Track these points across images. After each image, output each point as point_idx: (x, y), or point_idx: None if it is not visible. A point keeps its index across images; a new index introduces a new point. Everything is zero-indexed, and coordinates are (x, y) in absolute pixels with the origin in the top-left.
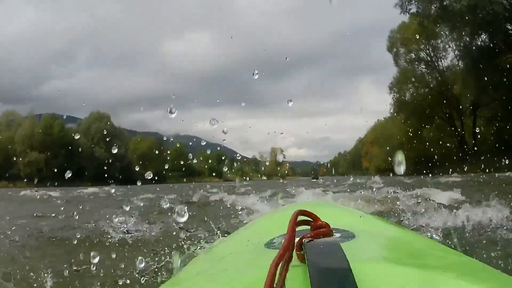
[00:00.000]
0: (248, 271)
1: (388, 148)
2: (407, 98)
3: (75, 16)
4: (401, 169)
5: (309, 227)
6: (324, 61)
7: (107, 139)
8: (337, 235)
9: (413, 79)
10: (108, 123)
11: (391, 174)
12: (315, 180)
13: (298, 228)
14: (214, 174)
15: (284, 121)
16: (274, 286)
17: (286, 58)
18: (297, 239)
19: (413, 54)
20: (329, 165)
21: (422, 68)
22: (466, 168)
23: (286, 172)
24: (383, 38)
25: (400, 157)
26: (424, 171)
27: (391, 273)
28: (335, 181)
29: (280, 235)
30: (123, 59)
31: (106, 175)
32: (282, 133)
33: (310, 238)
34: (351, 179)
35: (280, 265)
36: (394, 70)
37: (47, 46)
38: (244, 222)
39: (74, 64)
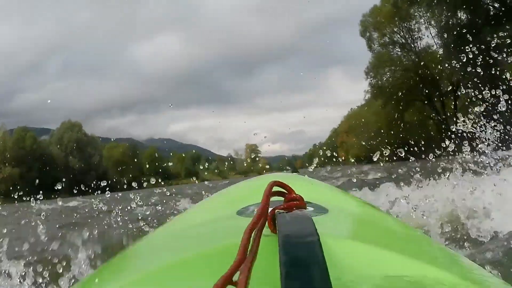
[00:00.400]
0: (221, 237)
1: (366, 136)
2: (384, 82)
3: (42, 27)
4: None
5: (282, 199)
6: (292, 55)
7: (80, 148)
8: (310, 208)
9: (389, 63)
10: (79, 132)
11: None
12: (295, 173)
13: (271, 199)
14: (192, 177)
15: (256, 118)
16: (248, 252)
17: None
18: (270, 210)
19: (387, 38)
20: (305, 157)
21: (397, 51)
22: (451, 150)
23: (262, 167)
24: (352, 28)
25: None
26: (407, 156)
27: (359, 250)
28: (314, 173)
29: (253, 204)
30: (94, 66)
31: (81, 185)
32: (255, 133)
33: (282, 210)
34: (328, 170)
35: (253, 232)
36: (367, 57)
37: (15, 59)
38: None
39: (44, 76)
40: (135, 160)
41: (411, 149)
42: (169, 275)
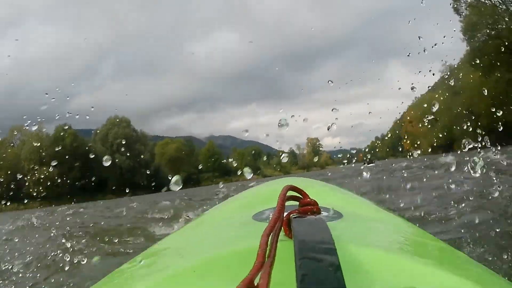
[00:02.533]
0: (237, 242)
1: (446, 120)
2: (484, 44)
3: (96, 30)
4: None
5: (297, 203)
6: (349, 47)
7: (128, 145)
8: (325, 213)
9: (491, 19)
10: (128, 128)
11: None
12: (371, 165)
13: (286, 204)
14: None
15: (314, 112)
16: (266, 256)
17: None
18: (285, 214)
19: None
20: (366, 150)
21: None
22: None
23: (324, 161)
24: (407, 18)
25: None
26: None
27: (374, 257)
28: (393, 165)
29: (268, 208)
30: (151, 67)
31: (130, 184)
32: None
33: (297, 214)
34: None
35: (270, 236)
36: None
37: (72, 62)
38: None
39: (100, 77)
40: (193, 156)
41: None
42: (189, 278)
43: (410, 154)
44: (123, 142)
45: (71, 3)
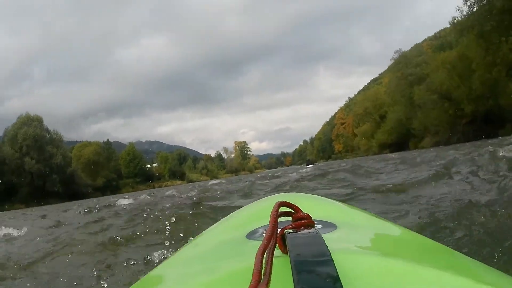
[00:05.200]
0: (232, 262)
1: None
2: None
3: (26, 35)
4: None
5: (290, 218)
6: (275, 54)
7: (39, 147)
8: (319, 226)
9: None
10: (40, 127)
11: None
12: (311, 166)
13: (279, 220)
14: (177, 177)
15: (241, 117)
16: (262, 274)
17: None
18: (278, 231)
19: None
20: (294, 154)
21: None
22: None
23: (253, 165)
24: (332, 25)
25: None
26: None
27: (373, 264)
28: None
29: (261, 226)
30: (78, 72)
31: (43, 192)
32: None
33: (291, 230)
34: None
35: (265, 254)
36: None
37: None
38: None
39: (29, 82)
40: (111, 161)
41: None
42: None
43: (342, 155)
44: (35, 145)
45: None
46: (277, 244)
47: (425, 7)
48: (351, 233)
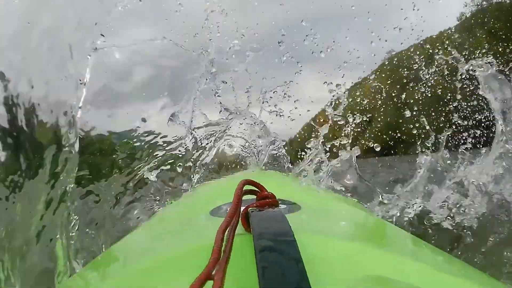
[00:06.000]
0: (195, 238)
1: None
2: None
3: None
4: None
5: (255, 197)
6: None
7: None
8: (283, 206)
9: None
10: None
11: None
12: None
13: (244, 198)
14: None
15: (216, 115)
16: (222, 251)
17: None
18: (242, 209)
19: None
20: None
21: None
22: None
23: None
24: (313, 28)
25: None
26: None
27: (334, 246)
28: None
29: (225, 203)
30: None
31: None
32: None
33: (255, 208)
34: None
35: (226, 232)
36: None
37: None
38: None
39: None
40: None
41: None
42: (147, 277)
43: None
44: None
45: None
46: (241, 222)
47: (416, 12)
48: (315, 214)
